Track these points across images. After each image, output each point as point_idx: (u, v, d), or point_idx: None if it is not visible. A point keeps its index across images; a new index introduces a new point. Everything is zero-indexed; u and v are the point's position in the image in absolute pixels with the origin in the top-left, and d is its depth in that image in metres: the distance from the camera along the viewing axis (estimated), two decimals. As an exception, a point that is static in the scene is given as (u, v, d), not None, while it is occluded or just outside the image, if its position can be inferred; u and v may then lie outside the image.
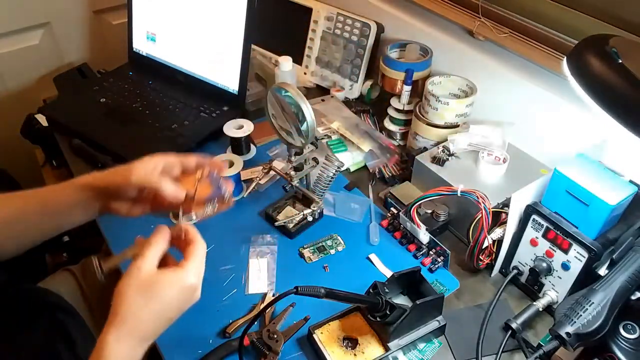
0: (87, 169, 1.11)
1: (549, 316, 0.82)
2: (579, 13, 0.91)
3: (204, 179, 0.74)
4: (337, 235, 0.96)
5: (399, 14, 1.23)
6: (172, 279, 0.60)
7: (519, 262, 0.85)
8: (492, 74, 1.05)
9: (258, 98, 1.27)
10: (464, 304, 0.85)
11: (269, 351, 0.75)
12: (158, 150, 1.08)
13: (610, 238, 0.73)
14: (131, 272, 0.59)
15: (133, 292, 0.58)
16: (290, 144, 0.89)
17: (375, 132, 1.16)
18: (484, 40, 1.09)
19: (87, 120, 1.20)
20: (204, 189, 0.73)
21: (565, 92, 0.93)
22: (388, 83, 1.14)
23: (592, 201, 0.70)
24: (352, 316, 0.80)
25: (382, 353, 0.75)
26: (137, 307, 0.58)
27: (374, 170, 1.09)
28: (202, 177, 0.73)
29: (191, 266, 0.61)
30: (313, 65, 1.34)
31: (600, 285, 0.66)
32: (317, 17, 1.30)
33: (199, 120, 1.20)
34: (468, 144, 0.98)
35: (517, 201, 0.79)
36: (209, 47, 1.22)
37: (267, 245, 0.94)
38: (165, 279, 0.60)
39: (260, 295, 0.85)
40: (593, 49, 0.60)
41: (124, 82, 1.32)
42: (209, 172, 0.74)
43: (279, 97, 0.85)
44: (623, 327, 0.66)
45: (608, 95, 0.58)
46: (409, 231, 0.93)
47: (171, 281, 0.60)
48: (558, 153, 0.96)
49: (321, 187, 0.96)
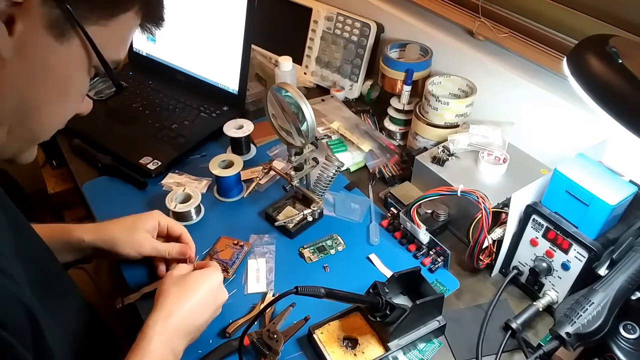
0: (87, 169, 1.11)
1: (549, 316, 0.82)
2: (579, 13, 0.91)
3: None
4: (337, 235, 0.96)
5: (399, 14, 1.23)
6: (202, 274, 0.76)
7: (519, 262, 0.85)
8: (492, 74, 1.04)
9: (258, 98, 1.27)
10: (464, 304, 0.85)
11: (269, 351, 0.75)
12: (158, 150, 1.10)
13: (610, 238, 0.73)
14: (170, 274, 0.76)
15: (171, 287, 0.73)
16: (290, 144, 0.89)
17: (375, 132, 1.16)
18: (484, 40, 1.09)
19: (87, 120, 1.19)
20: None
21: (565, 92, 0.93)
22: (388, 83, 1.14)
23: (592, 201, 0.70)
24: (352, 316, 0.80)
25: (382, 353, 0.75)
26: (172, 298, 0.71)
27: (374, 170, 1.09)
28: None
29: (217, 265, 0.80)
30: (313, 65, 1.34)
31: (600, 285, 0.66)
32: (317, 17, 1.30)
33: (199, 120, 1.20)
34: (468, 144, 0.98)
35: (517, 201, 0.79)
36: (209, 47, 1.22)
37: (265, 245, 0.94)
38: (196, 274, 0.76)
39: (260, 295, 0.85)
40: (593, 49, 0.60)
41: (124, 82, 1.30)
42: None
43: (279, 97, 0.85)
44: (623, 327, 0.66)
45: (608, 95, 0.58)
46: (409, 231, 0.93)
47: (201, 276, 0.76)
48: (558, 153, 0.96)
49: (321, 187, 0.96)
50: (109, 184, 1.07)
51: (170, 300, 0.71)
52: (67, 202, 1.43)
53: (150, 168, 1.07)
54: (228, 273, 0.88)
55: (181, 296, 0.72)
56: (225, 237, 0.94)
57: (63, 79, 0.53)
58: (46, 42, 0.48)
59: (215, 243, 0.93)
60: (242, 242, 0.93)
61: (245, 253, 0.91)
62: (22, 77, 0.50)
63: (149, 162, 1.08)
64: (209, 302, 0.75)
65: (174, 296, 0.72)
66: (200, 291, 0.73)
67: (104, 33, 0.52)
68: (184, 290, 0.73)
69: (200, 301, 0.73)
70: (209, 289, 0.75)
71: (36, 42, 0.48)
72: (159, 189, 1.05)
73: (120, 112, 1.22)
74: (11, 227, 0.57)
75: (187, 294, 0.72)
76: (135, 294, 0.83)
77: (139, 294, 0.83)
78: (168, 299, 0.71)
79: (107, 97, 0.62)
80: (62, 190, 1.42)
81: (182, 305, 0.71)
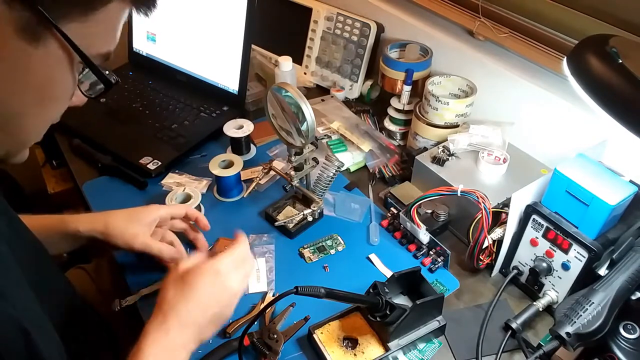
0: (87, 169, 1.11)
1: (549, 316, 0.82)
2: (579, 13, 0.91)
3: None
4: (337, 235, 0.96)
5: (399, 14, 1.23)
6: (202, 267, 0.66)
7: (519, 262, 0.85)
8: (492, 74, 1.04)
9: (258, 98, 1.27)
10: (464, 304, 0.85)
11: (269, 351, 0.75)
12: (158, 150, 1.10)
13: (610, 238, 0.73)
14: (170, 271, 0.67)
15: (170, 285, 0.65)
16: (290, 144, 0.89)
17: (375, 132, 1.16)
18: (484, 40, 1.09)
19: (87, 120, 1.20)
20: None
21: (565, 92, 0.93)
22: (388, 83, 1.14)
23: (592, 201, 0.70)
24: (352, 316, 0.80)
25: (382, 353, 0.75)
26: (172, 297, 0.64)
27: (374, 170, 1.09)
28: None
29: (223, 256, 0.68)
30: (313, 65, 1.34)
31: (600, 285, 0.66)
32: (317, 17, 1.30)
33: (199, 120, 1.20)
34: (468, 144, 0.98)
35: (517, 201, 0.79)
36: (209, 47, 1.22)
37: (265, 245, 0.94)
38: (196, 268, 0.66)
39: (260, 295, 0.85)
40: (593, 49, 0.60)
41: (124, 82, 1.31)
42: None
43: (279, 97, 0.84)
44: (623, 327, 0.66)
45: (608, 95, 0.58)
46: (409, 231, 0.93)
47: (201, 269, 0.66)
48: (558, 153, 0.96)
49: (321, 187, 0.96)
50: (109, 184, 1.07)
51: (167, 304, 0.64)
52: (67, 202, 1.43)
53: (150, 168, 1.07)
54: None
55: (179, 299, 0.64)
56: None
57: (45, 82, 0.50)
58: (19, 47, 0.46)
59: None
60: None
61: None
62: (0, 84, 0.48)
63: (149, 162, 1.08)
64: (209, 298, 0.66)
65: (170, 299, 0.64)
66: (198, 285, 0.65)
67: (86, 29, 0.49)
68: (180, 292, 0.65)
69: (202, 296, 0.65)
70: (209, 284, 0.66)
71: (8, 48, 0.46)
72: (159, 189, 1.06)
73: (120, 112, 1.22)
74: (11, 232, 0.56)
75: (184, 296, 0.64)
76: (133, 296, 0.83)
77: (138, 295, 0.83)
78: (164, 303, 0.64)
79: (97, 95, 0.58)
80: (62, 190, 1.42)
81: (179, 308, 0.64)
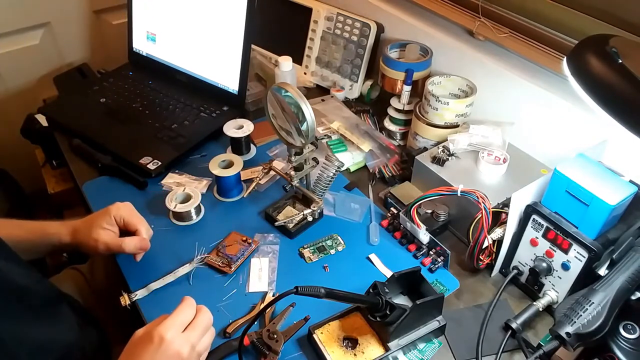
0: (87, 169, 1.11)
1: (549, 316, 0.82)
2: (579, 13, 0.91)
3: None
4: (337, 235, 0.96)
5: (399, 14, 1.23)
6: (151, 333, 0.61)
7: (519, 262, 0.85)
8: (492, 74, 1.04)
9: (258, 98, 1.27)
10: (464, 304, 0.85)
11: (269, 351, 0.75)
12: (158, 150, 1.10)
13: (610, 238, 0.73)
14: (131, 337, 0.63)
15: (123, 355, 0.62)
16: (290, 144, 0.89)
17: (375, 132, 1.16)
18: (484, 40, 1.09)
19: (87, 120, 1.20)
20: None
21: (565, 92, 0.93)
22: (388, 83, 1.14)
23: (592, 201, 0.70)
24: (352, 316, 0.80)
25: (382, 353, 0.75)
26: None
27: (374, 170, 1.09)
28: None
29: (166, 321, 0.63)
30: (313, 65, 1.34)
31: (600, 285, 0.66)
32: (317, 17, 1.30)
33: (199, 120, 1.20)
34: (468, 144, 0.98)
35: (517, 201, 0.79)
36: (209, 47, 1.22)
37: (269, 245, 0.94)
38: (145, 335, 0.62)
39: (260, 295, 0.85)
40: (593, 49, 0.60)
41: (124, 82, 1.32)
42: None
43: (279, 97, 0.85)
44: (623, 327, 0.66)
45: (608, 95, 0.58)
46: (409, 231, 0.93)
47: (150, 335, 0.61)
48: (558, 153, 0.96)
49: (321, 187, 0.96)
50: (109, 184, 1.07)
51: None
52: (67, 202, 1.43)
53: (150, 168, 1.07)
54: (230, 269, 0.88)
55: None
56: (235, 233, 0.95)
57: None
58: None
59: (225, 237, 0.94)
60: (250, 240, 0.93)
61: (252, 251, 0.92)
62: None
63: (149, 162, 1.08)
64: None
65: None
66: (135, 351, 0.61)
67: None
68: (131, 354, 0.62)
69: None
70: (155, 350, 0.60)
71: None
72: (159, 189, 1.06)
73: (120, 112, 1.22)
74: None
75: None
76: (143, 290, 0.84)
77: (147, 290, 0.84)
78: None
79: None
80: (62, 190, 1.42)
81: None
